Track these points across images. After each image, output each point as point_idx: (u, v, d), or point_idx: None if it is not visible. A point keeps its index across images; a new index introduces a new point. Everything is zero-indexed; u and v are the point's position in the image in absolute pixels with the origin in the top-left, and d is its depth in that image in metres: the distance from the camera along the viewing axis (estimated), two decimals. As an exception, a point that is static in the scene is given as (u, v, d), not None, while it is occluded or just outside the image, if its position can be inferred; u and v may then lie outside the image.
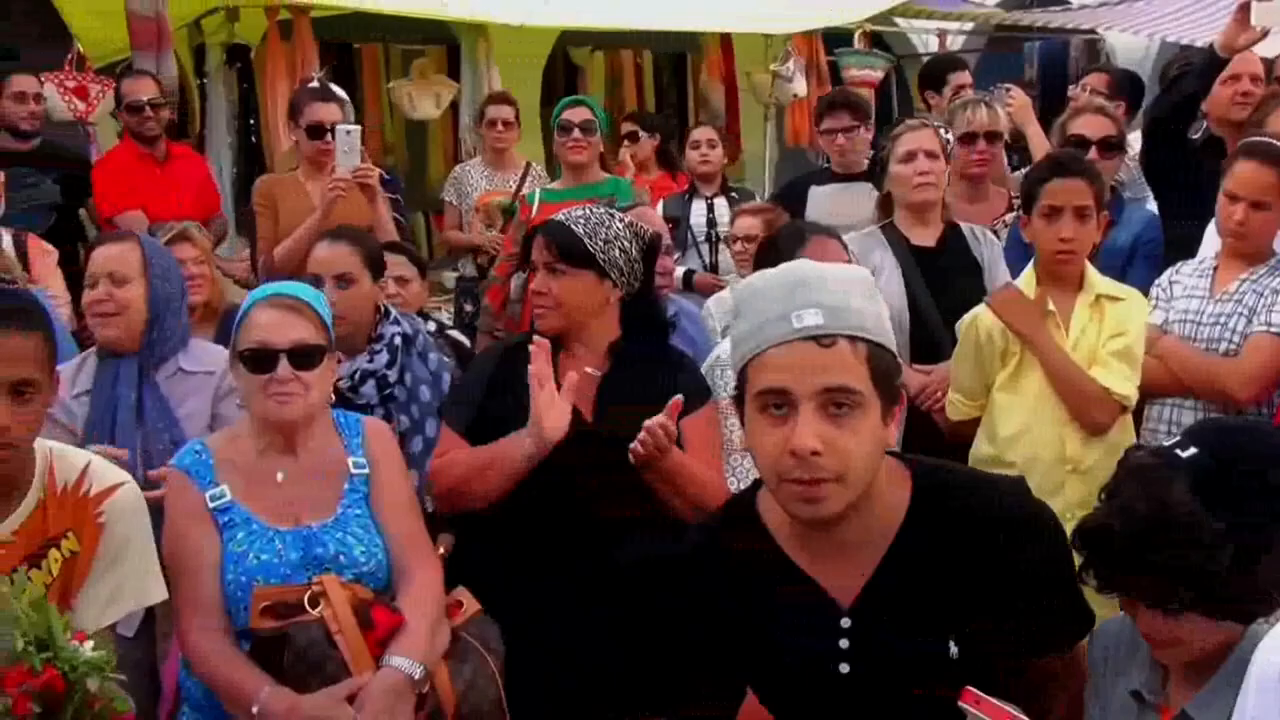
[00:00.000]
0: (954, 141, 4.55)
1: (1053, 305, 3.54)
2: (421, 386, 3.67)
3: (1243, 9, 4.69)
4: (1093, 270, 3.64)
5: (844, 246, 3.70)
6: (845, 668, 1.95)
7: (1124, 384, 3.49)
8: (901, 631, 1.93)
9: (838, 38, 10.25)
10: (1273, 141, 3.90)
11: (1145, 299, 3.77)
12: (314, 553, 2.76)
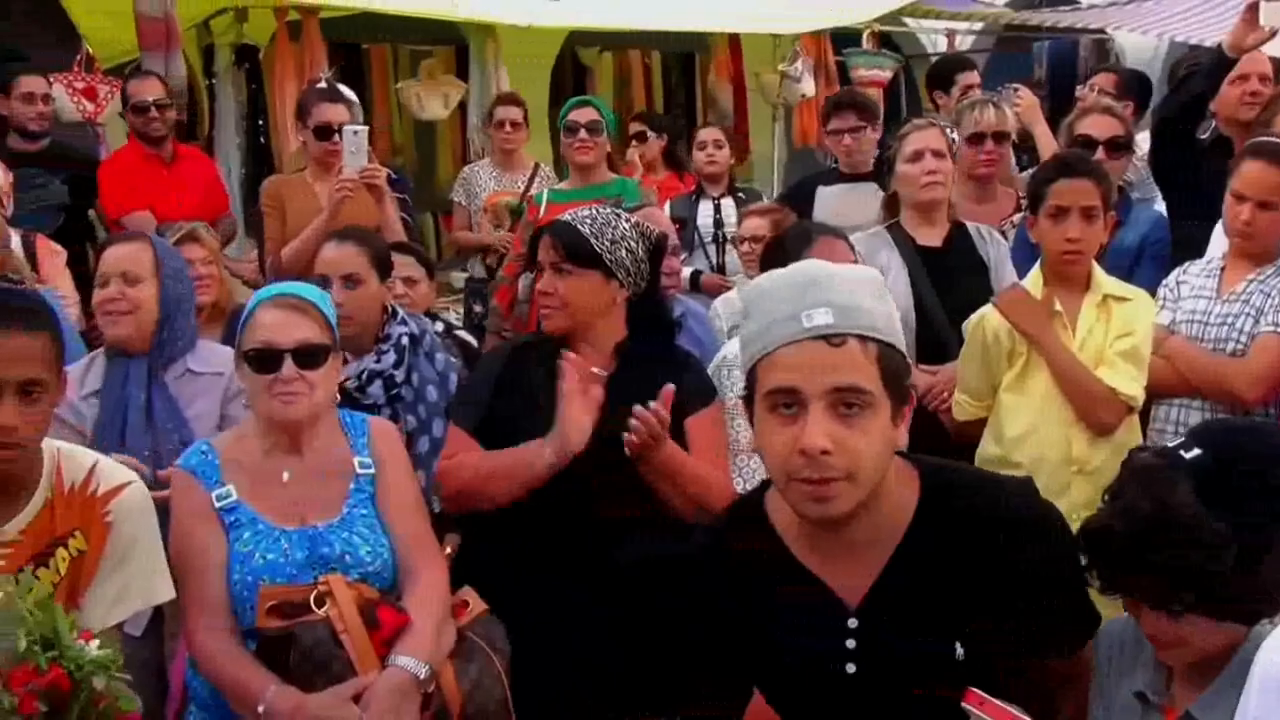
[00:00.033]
0: (959, 141, 4.54)
1: (1059, 305, 3.54)
2: (428, 387, 3.67)
3: (1251, 9, 4.69)
4: (1100, 270, 3.63)
5: (850, 247, 3.70)
6: (852, 668, 1.95)
7: (1130, 384, 3.49)
8: (908, 632, 1.93)
9: (846, 38, 10.26)
10: (1280, 141, 3.89)
11: (1152, 299, 3.76)
12: (320, 552, 2.77)
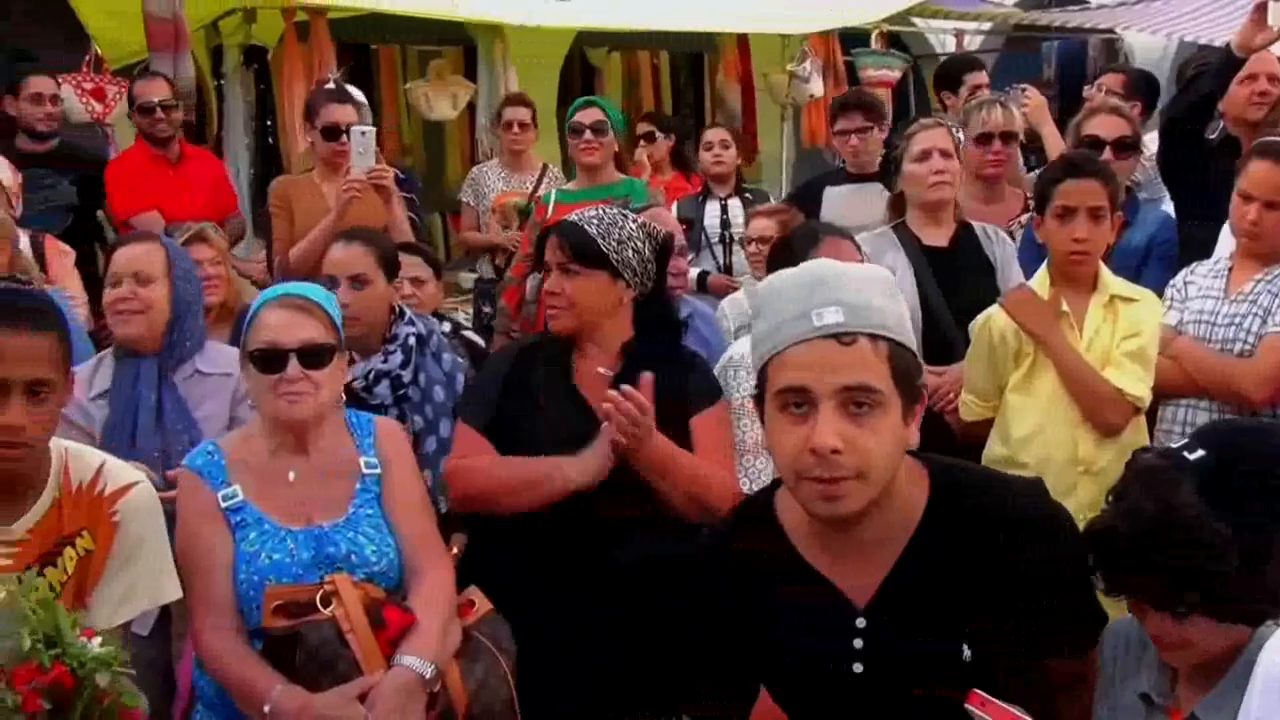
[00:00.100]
0: (965, 141, 4.53)
1: (1066, 306, 3.53)
2: (435, 387, 3.67)
3: (1259, 9, 4.67)
4: (1106, 271, 3.62)
5: (857, 247, 3.70)
6: (859, 667, 1.95)
7: (1137, 385, 3.48)
8: (915, 632, 1.93)
9: (855, 38, 10.24)
10: (1287, 141, 3.88)
11: (1159, 300, 3.75)
12: (326, 552, 2.77)
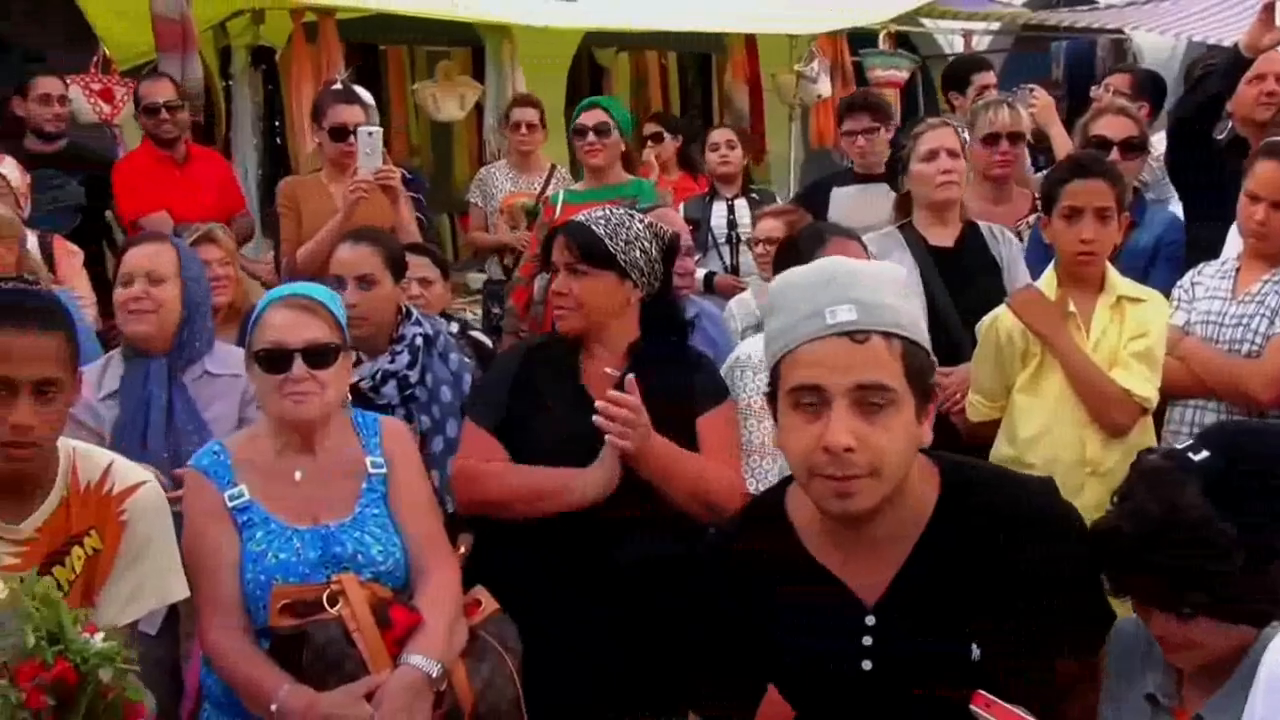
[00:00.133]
0: (971, 141, 4.53)
1: (1073, 306, 3.53)
2: (442, 387, 3.67)
3: (1267, 9, 4.68)
4: (1114, 272, 3.62)
5: (864, 248, 3.70)
6: (868, 665, 1.96)
7: (1144, 386, 3.48)
8: (925, 629, 1.93)
9: (863, 38, 10.24)
10: (1294, 141, 3.87)
11: (1166, 301, 3.75)
12: (332, 552, 2.77)
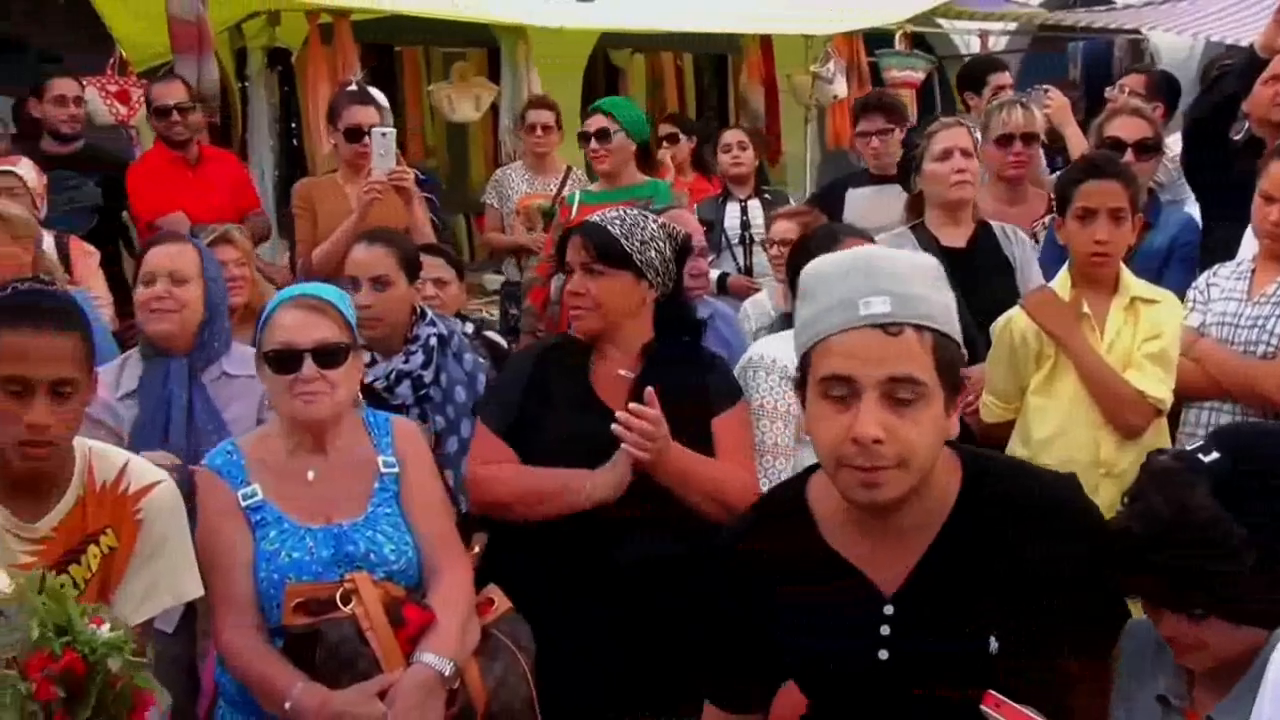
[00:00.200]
0: (984, 142, 4.52)
1: (1087, 308, 3.52)
2: (457, 387, 3.68)
3: (1283, 9, 4.65)
4: (1128, 273, 3.61)
5: (877, 249, 3.69)
6: (885, 654, 1.96)
7: (1159, 387, 3.47)
8: (943, 619, 1.94)
9: (879, 39, 10.23)
10: (1310, 142, 3.86)
11: (1180, 302, 3.73)
12: (345, 551, 2.79)
